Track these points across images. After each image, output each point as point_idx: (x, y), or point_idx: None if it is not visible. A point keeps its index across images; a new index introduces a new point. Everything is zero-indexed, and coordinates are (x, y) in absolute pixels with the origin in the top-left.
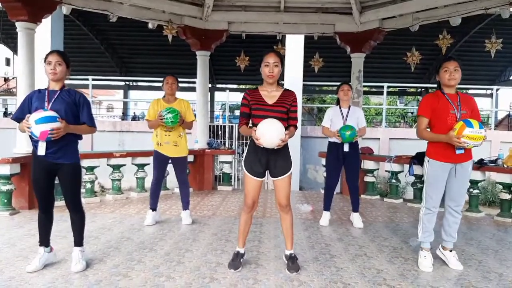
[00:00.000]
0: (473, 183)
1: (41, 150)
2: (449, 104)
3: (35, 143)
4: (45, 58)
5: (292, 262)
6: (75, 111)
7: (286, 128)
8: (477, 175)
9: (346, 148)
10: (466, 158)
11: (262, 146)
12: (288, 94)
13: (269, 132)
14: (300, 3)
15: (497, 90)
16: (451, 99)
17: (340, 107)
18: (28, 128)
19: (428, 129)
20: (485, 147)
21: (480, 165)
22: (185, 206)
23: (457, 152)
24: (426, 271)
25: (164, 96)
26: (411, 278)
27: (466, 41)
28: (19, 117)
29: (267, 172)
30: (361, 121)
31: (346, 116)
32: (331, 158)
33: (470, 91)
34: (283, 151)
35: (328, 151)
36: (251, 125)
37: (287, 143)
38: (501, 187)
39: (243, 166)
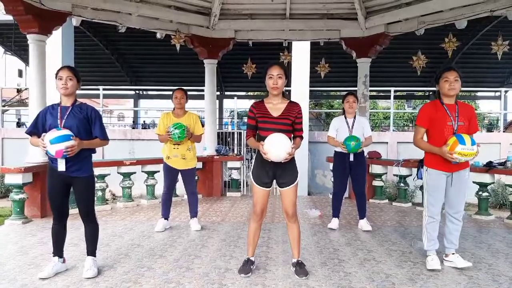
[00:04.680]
0: (482, 186)
1: (61, 167)
2: (447, 115)
3: (52, 159)
4: (56, 74)
5: (300, 267)
6: (87, 126)
7: (292, 139)
8: (486, 178)
9: (351, 157)
10: (463, 167)
11: (269, 160)
12: (293, 106)
13: (276, 148)
14: (305, 10)
15: (505, 92)
16: (449, 110)
17: (345, 117)
18: (44, 147)
19: (426, 138)
20: (494, 150)
21: (489, 167)
22: (193, 215)
23: (453, 162)
24: (435, 268)
25: (173, 110)
26: (420, 282)
27: (473, 43)
28: (32, 131)
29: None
30: (367, 131)
31: (352, 126)
32: (337, 168)
33: (478, 94)
34: (289, 162)
35: (334, 160)
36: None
37: None
38: (511, 189)
39: (251, 177)
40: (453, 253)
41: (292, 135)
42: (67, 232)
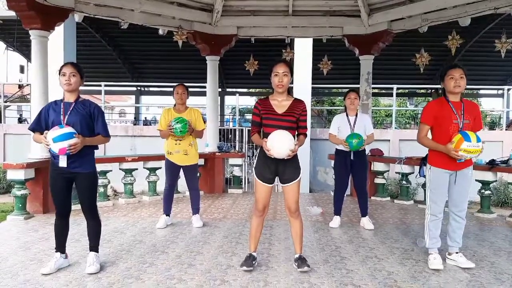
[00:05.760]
0: (485, 184)
1: (63, 162)
2: (453, 113)
3: (54, 155)
4: (60, 70)
5: (302, 262)
6: (90, 122)
7: (296, 136)
8: (489, 176)
9: (352, 156)
10: (466, 165)
11: (272, 157)
12: (297, 104)
13: (279, 144)
14: (308, 6)
15: (508, 90)
16: (455, 107)
17: (347, 115)
18: (47, 145)
19: (430, 136)
20: (497, 148)
21: (492, 165)
22: (195, 211)
23: (458, 161)
24: (437, 268)
25: (174, 105)
26: (422, 280)
27: (476, 41)
28: (35, 128)
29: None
30: (369, 128)
31: (354, 124)
32: (339, 165)
33: (481, 92)
34: (292, 158)
35: (335, 158)
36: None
37: None
38: None
39: (254, 173)
40: (457, 252)
41: (296, 132)
42: (69, 228)
